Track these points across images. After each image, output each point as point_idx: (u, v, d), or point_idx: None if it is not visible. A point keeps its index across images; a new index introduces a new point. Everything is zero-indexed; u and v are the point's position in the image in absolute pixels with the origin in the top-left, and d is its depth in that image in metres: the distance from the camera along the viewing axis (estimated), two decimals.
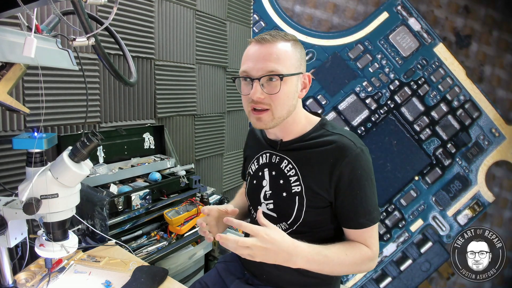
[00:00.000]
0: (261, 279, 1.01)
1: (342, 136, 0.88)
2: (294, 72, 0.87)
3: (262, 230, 0.77)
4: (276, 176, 0.96)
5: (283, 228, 0.94)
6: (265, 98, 0.86)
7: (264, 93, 0.85)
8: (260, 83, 0.85)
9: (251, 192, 1.05)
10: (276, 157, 0.97)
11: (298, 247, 0.79)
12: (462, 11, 2.68)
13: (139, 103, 1.83)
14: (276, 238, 0.76)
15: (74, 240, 0.85)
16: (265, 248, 0.75)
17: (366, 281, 2.92)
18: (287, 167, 0.93)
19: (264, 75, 0.85)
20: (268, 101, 0.86)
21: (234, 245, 0.74)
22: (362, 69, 2.81)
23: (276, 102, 0.86)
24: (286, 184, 0.92)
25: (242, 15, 2.64)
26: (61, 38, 0.74)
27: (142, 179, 1.61)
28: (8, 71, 0.67)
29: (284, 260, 0.77)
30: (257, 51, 0.87)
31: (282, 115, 0.88)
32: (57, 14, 0.74)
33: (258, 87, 0.85)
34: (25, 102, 1.31)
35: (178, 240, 1.46)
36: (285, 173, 0.93)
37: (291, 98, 0.88)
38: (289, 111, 0.89)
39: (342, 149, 0.85)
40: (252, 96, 0.86)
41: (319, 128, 0.94)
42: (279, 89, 0.85)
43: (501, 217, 2.79)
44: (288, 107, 0.88)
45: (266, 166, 0.99)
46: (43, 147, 0.74)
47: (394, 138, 2.84)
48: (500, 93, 2.71)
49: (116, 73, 0.74)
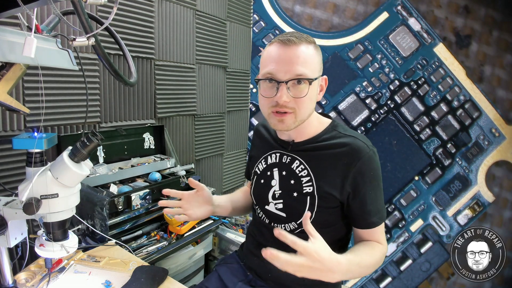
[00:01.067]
0: (265, 279, 1.01)
1: (355, 138, 0.91)
2: (318, 76, 0.89)
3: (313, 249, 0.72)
4: (286, 176, 0.96)
5: (292, 228, 0.95)
6: (290, 102, 0.85)
7: (290, 96, 0.85)
8: (287, 86, 0.84)
9: (257, 191, 1.05)
10: (287, 157, 0.98)
11: (341, 264, 0.75)
12: (462, 11, 2.68)
13: (139, 103, 1.83)
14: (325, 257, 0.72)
15: (74, 240, 0.85)
16: (312, 267, 0.71)
17: (366, 281, 2.92)
18: (298, 168, 0.94)
19: (292, 79, 0.84)
20: (293, 104, 0.86)
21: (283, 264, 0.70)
22: (362, 69, 2.81)
23: (300, 106, 0.86)
24: (297, 184, 0.93)
25: (242, 15, 2.64)
26: (61, 38, 0.74)
27: (142, 179, 1.61)
28: (8, 71, 0.67)
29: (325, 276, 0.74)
30: (283, 53, 0.85)
31: (304, 118, 0.89)
32: (57, 14, 0.74)
33: (285, 91, 0.84)
34: (25, 102, 1.31)
35: (178, 240, 1.46)
36: (297, 174, 0.94)
37: (314, 101, 0.90)
38: (310, 114, 0.91)
39: (356, 151, 0.88)
40: (279, 99, 0.85)
41: (330, 129, 0.95)
42: (306, 93, 0.85)
43: (501, 217, 2.79)
44: (310, 110, 0.90)
45: (275, 166, 1.00)
46: (43, 147, 0.74)
47: (394, 138, 2.84)
48: (500, 93, 2.71)
49: (116, 73, 0.74)
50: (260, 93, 0.91)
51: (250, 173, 1.13)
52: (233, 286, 1.05)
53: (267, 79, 0.86)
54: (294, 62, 0.84)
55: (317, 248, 0.73)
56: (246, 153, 2.90)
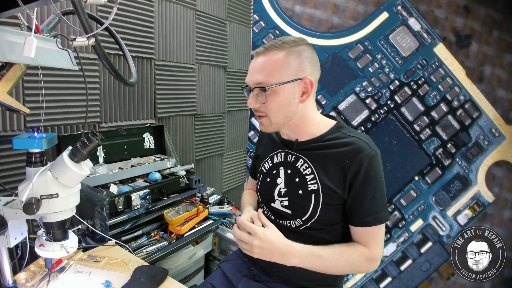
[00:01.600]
0: (270, 274, 1.02)
1: (359, 139, 0.92)
2: (285, 81, 0.90)
3: (260, 230, 0.88)
4: (291, 174, 0.99)
5: (297, 225, 0.97)
6: (260, 107, 0.93)
7: (258, 102, 0.93)
8: (255, 93, 0.92)
9: (263, 189, 1.08)
10: (292, 156, 1.01)
11: (291, 248, 0.88)
12: (462, 11, 2.68)
13: (139, 103, 1.83)
14: (272, 239, 0.87)
15: (74, 240, 0.85)
16: (261, 247, 0.86)
17: (366, 281, 2.92)
18: (303, 166, 0.97)
19: (254, 87, 0.92)
20: (264, 109, 0.93)
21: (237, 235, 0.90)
22: (362, 69, 2.81)
23: (269, 111, 0.93)
24: (302, 182, 0.96)
25: (242, 15, 2.64)
26: (61, 38, 0.74)
27: (142, 179, 1.61)
28: (8, 71, 0.67)
29: (278, 259, 0.88)
30: (252, 63, 0.95)
31: (278, 121, 0.94)
32: (57, 14, 0.74)
33: (252, 98, 0.93)
34: (25, 102, 1.31)
35: (178, 240, 1.46)
36: (301, 172, 0.97)
37: (286, 105, 0.92)
38: (286, 117, 0.94)
39: (358, 151, 0.90)
40: (248, 105, 0.95)
41: (335, 130, 0.98)
42: (265, 100, 0.91)
43: (501, 217, 2.79)
44: (283, 113, 0.93)
45: (281, 164, 1.03)
46: (43, 147, 0.74)
47: (394, 138, 2.84)
48: (500, 93, 2.71)
49: (116, 73, 0.74)
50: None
51: (256, 172, 1.16)
52: (237, 281, 1.06)
53: (245, 87, 0.97)
54: (255, 71, 0.92)
55: (266, 231, 0.89)
56: (246, 153, 2.90)
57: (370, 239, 0.91)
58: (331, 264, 0.90)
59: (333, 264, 0.90)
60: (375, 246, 0.92)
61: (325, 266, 0.90)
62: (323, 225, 0.94)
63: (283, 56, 0.90)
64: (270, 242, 0.86)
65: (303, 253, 0.88)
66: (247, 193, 1.28)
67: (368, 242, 0.91)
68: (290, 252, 0.87)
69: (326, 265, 0.90)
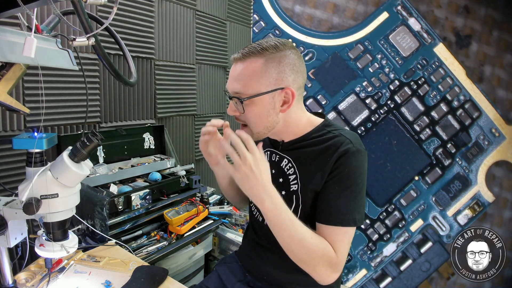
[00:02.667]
0: (261, 281, 1.01)
1: (342, 135, 0.88)
2: (263, 92, 0.83)
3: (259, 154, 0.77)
4: (276, 175, 0.97)
5: None
6: (240, 116, 0.88)
7: (237, 111, 0.88)
8: (234, 101, 0.87)
9: None
10: (276, 156, 0.98)
11: (274, 191, 0.78)
12: (462, 11, 2.68)
13: (139, 103, 1.83)
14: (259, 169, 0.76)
15: (74, 240, 0.85)
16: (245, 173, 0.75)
17: (366, 281, 2.92)
18: (286, 166, 0.95)
19: (232, 96, 0.87)
20: (243, 118, 0.88)
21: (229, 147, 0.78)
22: (362, 69, 2.81)
23: (248, 121, 0.87)
24: (285, 183, 0.94)
25: (242, 15, 2.64)
26: (61, 38, 0.74)
27: (142, 179, 1.61)
28: (8, 71, 0.67)
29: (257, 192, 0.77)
30: (232, 69, 0.88)
31: (260, 131, 0.88)
32: (57, 14, 0.74)
33: (231, 106, 0.88)
34: (25, 102, 1.31)
35: (178, 240, 1.46)
36: (285, 172, 0.94)
37: (264, 116, 0.86)
38: (266, 127, 0.88)
39: (336, 146, 0.86)
40: (228, 113, 0.91)
41: (321, 128, 0.94)
42: (243, 111, 0.85)
43: (501, 217, 2.79)
44: (263, 124, 0.87)
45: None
46: (43, 147, 0.74)
47: (394, 138, 2.84)
48: (500, 93, 2.71)
49: (116, 73, 0.74)
50: None
51: None
52: (231, 286, 1.05)
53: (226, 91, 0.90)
54: (234, 79, 0.86)
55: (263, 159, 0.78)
56: None
57: (334, 241, 0.81)
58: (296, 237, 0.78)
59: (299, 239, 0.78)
60: (339, 251, 0.80)
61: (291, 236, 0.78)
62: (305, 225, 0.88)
63: (262, 64, 0.83)
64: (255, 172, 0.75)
65: (280, 205, 0.78)
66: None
67: (333, 244, 0.81)
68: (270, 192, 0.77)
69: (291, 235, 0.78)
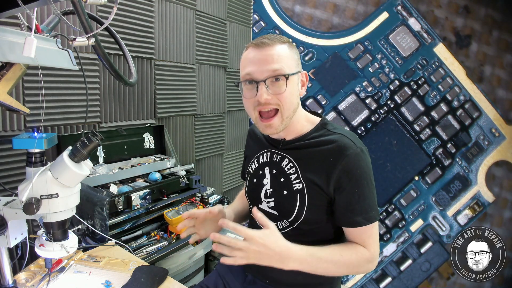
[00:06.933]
0: (263, 280, 1.01)
1: (343, 136, 0.90)
2: (295, 71, 0.90)
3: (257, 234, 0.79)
4: (277, 174, 0.97)
5: (284, 226, 0.95)
6: (272, 99, 0.88)
7: (270, 93, 0.87)
8: (266, 84, 0.87)
9: (251, 190, 1.06)
10: (277, 156, 0.98)
11: (291, 250, 0.81)
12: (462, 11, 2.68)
13: (139, 103, 1.83)
14: (270, 241, 0.79)
15: (74, 240, 0.85)
16: (258, 251, 0.78)
17: (366, 281, 2.92)
18: (287, 165, 0.95)
19: (270, 76, 0.87)
20: (275, 101, 0.88)
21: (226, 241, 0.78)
22: (362, 69, 2.81)
23: (283, 102, 0.88)
24: (287, 182, 0.94)
25: (242, 15, 2.64)
26: (61, 38, 0.74)
27: (142, 179, 1.61)
28: (8, 71, 0.67)
29: (277, 262, 0.80)
30: (258, 54, 0.89)
31: (289, 115, 0.90)
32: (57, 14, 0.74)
33: (264, 89, 0.87)
34: (25, 102, 1.31)
35: (178, 240, 1.46)
36: (286, 171, 0.95)
37: (295, 96, 0.91)
38: (294, 109, 0.91)
39: (342, 148, 0.87)
40: (260, 98, 0.87)
41: (320, 128, 0.95)
42: (285, 88, 0.87)
43: (501, 217, 2.79)
44: (293, 105, 0.91)
45: (266, 164, 1.01)
46: (43, 147, 0.74)
47: (394, 138, 2.84)
48: (500, 93, 2.71)
49: (116, 73, 0.74)
50: (243, 96, 0.94)
51: (245, 173, 1.14)
52: (232, 286, 1.05)
53: (247, 80, 0.90)
54: (269, 61, 0.87)
55: (263, 233, 0.80)
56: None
57: (365, 239, 0.88)
58: (330, 265, 0.85)
59: (333, 264, 0.85)
60: (371, 246, 0.88)
61: (324, 267, 0.85)
62: (310, 226, 0.92)
63: (287, 48, 0.90)
64: (267, 245, 0.78)
65: (302, 255, 0.82)
66: (237, 197, 1.25)
67: (365, 242, 0.88)
68: (289, 255, 0.80)
69: (325, 267, 0.85)
